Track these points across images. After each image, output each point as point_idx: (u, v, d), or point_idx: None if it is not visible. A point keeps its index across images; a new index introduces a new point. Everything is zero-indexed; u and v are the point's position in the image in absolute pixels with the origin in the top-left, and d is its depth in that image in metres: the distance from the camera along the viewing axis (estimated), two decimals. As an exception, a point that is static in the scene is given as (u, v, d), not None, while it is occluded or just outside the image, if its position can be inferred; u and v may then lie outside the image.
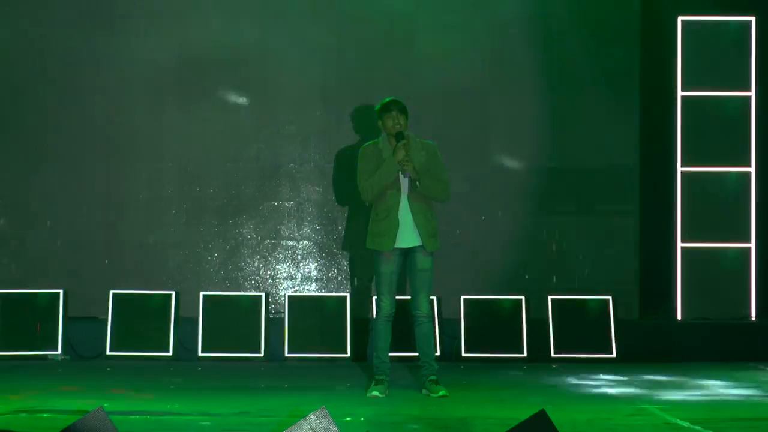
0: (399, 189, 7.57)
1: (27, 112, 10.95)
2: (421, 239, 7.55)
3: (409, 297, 7.83)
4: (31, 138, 10.94)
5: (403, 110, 7.63)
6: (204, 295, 10.32)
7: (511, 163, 10.96)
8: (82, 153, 10.92)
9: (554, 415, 4.51)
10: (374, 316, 7.65)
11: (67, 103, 10.95)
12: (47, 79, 10.93)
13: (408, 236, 7.56)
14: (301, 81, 11.00)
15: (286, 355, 10.16)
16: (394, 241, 7.53)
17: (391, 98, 7.74)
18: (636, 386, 8.20)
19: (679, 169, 10.88)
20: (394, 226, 7.53)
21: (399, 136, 7.55)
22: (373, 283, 9.44)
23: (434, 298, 10.03)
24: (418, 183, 7.53)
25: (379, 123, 7.70)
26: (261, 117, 11.00)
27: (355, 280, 10.85)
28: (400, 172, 7.54)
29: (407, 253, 7.61)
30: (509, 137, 10.99)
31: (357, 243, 10.79)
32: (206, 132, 10.98)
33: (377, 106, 7.74)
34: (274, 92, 11.01)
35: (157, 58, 10.94)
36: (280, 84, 11.01)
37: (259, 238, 10.99)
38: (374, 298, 9.59)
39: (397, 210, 7.56)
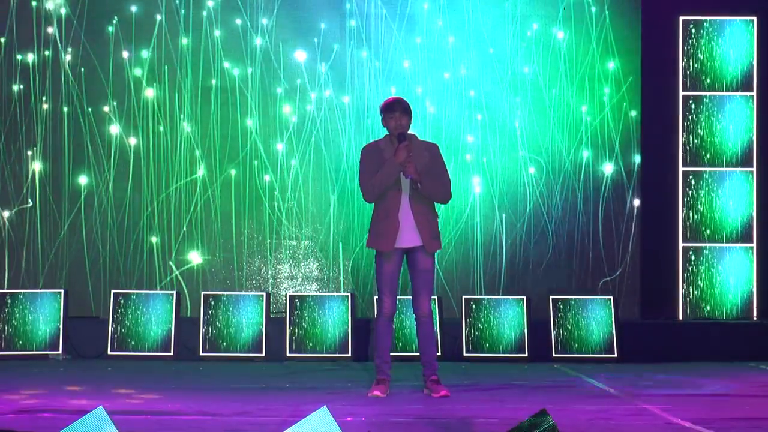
0: (400, 189, 7.54)
1: (26, 112, 10.96)
2: (422, 240, 7.53)
3: (410, 297, 7.83)
4: (31, 138, 10.94)
5: (406, 111, 7.59)
6: (205, 295, 10.33)
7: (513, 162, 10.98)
8: (84, 153, 10.93)
9: (555, 415, 4.50)
10: (375, 316, 7.63)
11: (68, 102, 10.95)
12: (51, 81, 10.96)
13: (409, 236, 7.53)
14: (303, 79, 11.00)
15: (287, 354, 10.16)
16: (394, 242, 7.51)
17: (396, 98, 7.70)
18: (637, 386, 8.20)
19: (681, 168, 10.87)
20: (394, 227, 7.51)
21: (400, 138, 7.52)
22: (375, 283, 9.43)
23: (435, 298, 10.03)
24: (419, 184, 7.50)
25: (382, 121, 7.67)
26: (263, 117, 10.99)
27: (357, 279, 10.85)
28: (401, 174, 7.51)
29: (408, 253, 7.59)
30: (510, 137, 10.98)
31: (358, 243, 10.80)
32: (208, 132, 10.98)
33: (381, 105, 7.70)
34: (276, 92, 11.01)
35: (171, 66, 10.96)
36: (283, 83, 11.01)
37: (260, 237, 10.99)
38: (375, 297, 9.58)
39: (398, 211, 7.53)
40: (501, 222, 10.95)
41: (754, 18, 10.94)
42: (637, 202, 10.96)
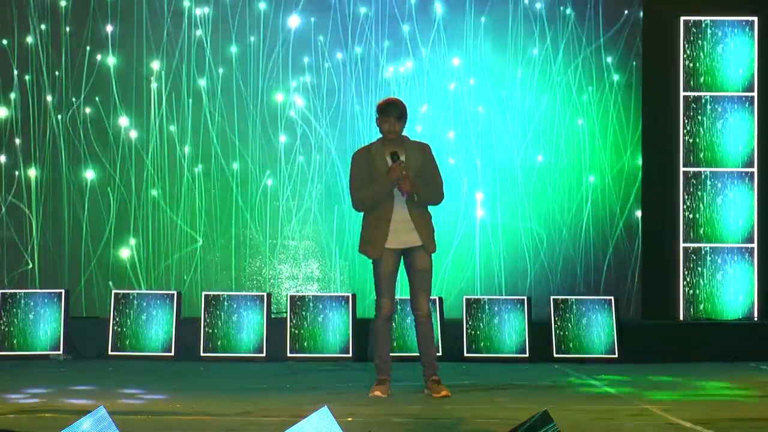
0: (392, 197, 7.49)
1: (26, 112, 10.97)
2: (422, 239, 7.51)
3: (408, 296, 7.81)
4: (31, 138, 10.95)
5: (401, 116, 7.51)
6: (206, 295, 10.32)
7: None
8: (84, 152, 10.93)
9: (556, 415, 4.50)
10: (374, 317, 7.63)
11: (68, 99, 10.96)
12: (46, 75, 10.96)
13: (408, 237, 7.51)
14: (304, 81, 11.00)
15: (288, 355, 10.15)
16: (381, 250, 7.48)
17: (392, 101, 7.62)
18: (638, 386, 8.19)
19: (681, 169, 10.87)
20: (383, 236, 7.47)
21: (394, 156, 7.44)
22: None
23: (435, 298, 10.04)
24: (416, 196, 7.46)
25: (377, 121, 7.61)
26: (264, 117, 10.99)
27: (357, 279, 10.84)
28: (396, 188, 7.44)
29: (406, 254, 7.57)
30: (510, 137, 10.99)
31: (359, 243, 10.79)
32: (209, 132, 10.98)
33: (378, 103, 7.64)
34: (277, 93, 11.01)
35: (172, 63, 10.98)
36: (283, 84, 11.01)
37: (261, 237, 10.99)
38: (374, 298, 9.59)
39: (389, 220, 7.48)
40: (502, 221, 10.96)
41: (755, 18, 10.94)
42: (639, 202, 10.96)
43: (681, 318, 10.79)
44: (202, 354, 10.15)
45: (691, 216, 10.86)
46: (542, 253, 10.94)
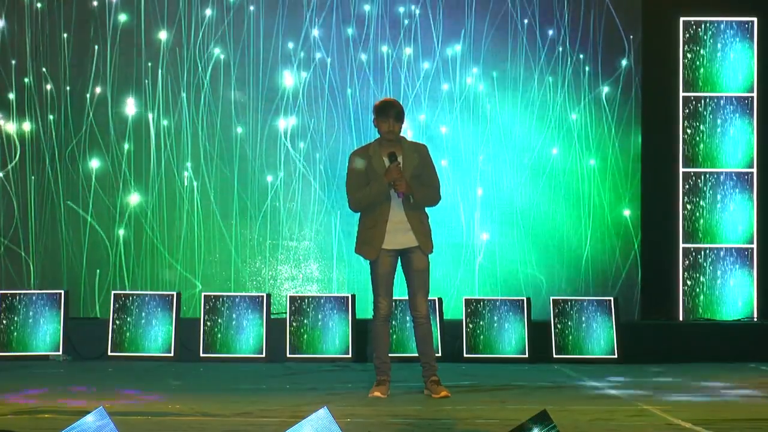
0: (389, 197, 7.49)
1: (28, 111, 10.97)
2: (418, 240, 7.50)
3: (406, 297, 7.79)
4: (32, 136, 10.95)
5: (399, 117, 7.51)
6: (205, 296, 10.32)
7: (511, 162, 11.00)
8: (83, 151, 10.93)
9: (556, 416, 4.50)
10: (372, 318, 7.63)
11: (69, 99, 10.96)
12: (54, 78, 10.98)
13: (404, 238, 7.51)
14: (304, 82, 11.01)
15: (288, 355, 10.15)
16: (378, 251, 7.48)
17: (390, 101, 7.62)
18: (637, 387, 8.20)
19: (681, 169, 10.87)
20: (380, 237, 7.48)
21: (392, 157, 7.45)
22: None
23: (435, 299, 10.03)
24: (411, 198, 7.45)
25: (374, 122, 7.60)
26: (264, 118, 11.00)
27: (357, 280, 10.84)
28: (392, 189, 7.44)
29: (403, 254, 7.57)
30: (510, 137, 10.99)
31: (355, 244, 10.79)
32: (208, 133, 10.98)
33: (376, 104, 7.63)
34: (277, 92, 11.01)
35: (175, 64, 10.99)
36: (284, 84, 11.01)
37: (260, 238, 10.99)
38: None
39: (386, 221, 7.49)
40: (502, 222, 10.96)
41: (755, 19, 10.95)
42: (638, 203, 10.96)
43: (681, 318, 10.79)
44: (201, 355, 10.15)
45: (690, 216, 10.86)
46: (542, 253, 10.93)
